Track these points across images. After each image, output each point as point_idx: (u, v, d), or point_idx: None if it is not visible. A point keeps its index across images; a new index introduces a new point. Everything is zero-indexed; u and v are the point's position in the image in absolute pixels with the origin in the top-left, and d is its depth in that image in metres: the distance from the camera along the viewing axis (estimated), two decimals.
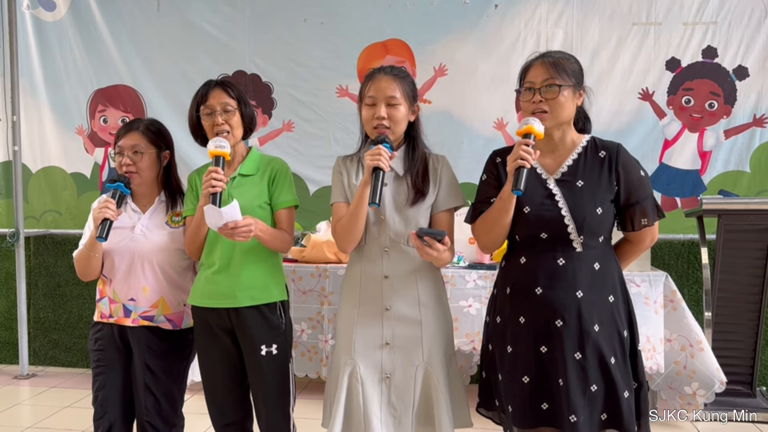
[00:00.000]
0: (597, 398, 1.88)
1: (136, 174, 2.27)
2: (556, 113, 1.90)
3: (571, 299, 1.88)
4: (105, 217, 2.11)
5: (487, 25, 4.10)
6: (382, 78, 2.03)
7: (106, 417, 2.31)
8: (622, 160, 1.94)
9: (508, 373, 1.96)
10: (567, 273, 1.89)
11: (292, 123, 4.32)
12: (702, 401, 3.30)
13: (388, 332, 2.03)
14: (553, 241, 1.91)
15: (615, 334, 1.91)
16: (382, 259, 2.04)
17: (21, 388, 4.26)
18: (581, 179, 1.93)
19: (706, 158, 3.97)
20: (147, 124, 2.33)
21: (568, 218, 1.89)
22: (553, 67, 1.89)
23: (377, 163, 1.90)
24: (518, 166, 1.81)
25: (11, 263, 4.62)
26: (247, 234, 2.04)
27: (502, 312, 2.00)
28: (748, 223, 3.42)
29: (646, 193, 1.95)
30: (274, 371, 2.20)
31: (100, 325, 2.37)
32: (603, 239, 1.94)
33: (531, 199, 1.92)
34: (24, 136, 4.55)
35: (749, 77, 3.89)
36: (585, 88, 1.98)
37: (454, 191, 2.10)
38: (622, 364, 1.91)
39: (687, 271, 4.04)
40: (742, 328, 3.52)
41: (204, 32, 4.35)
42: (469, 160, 4.05)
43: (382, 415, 2.00)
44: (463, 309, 3.40)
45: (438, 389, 1.99)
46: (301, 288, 3.58)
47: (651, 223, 1.95)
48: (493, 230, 1.95)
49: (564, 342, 1.87)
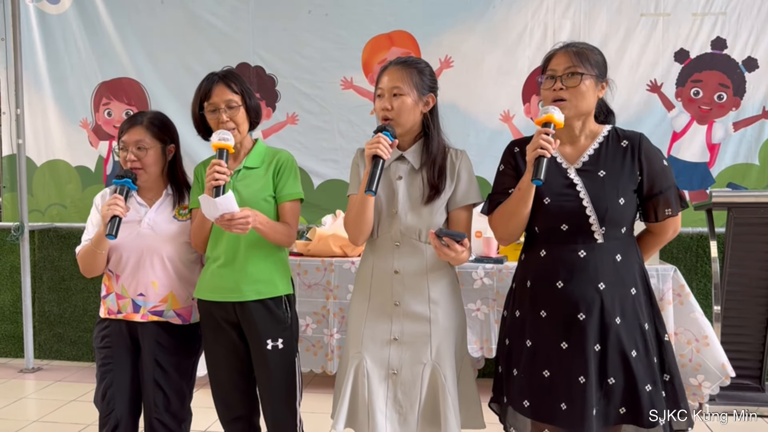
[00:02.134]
0: (615, 391, 1.85)
1: (141, 170, 2.23)
2: (577, 102, 1.87)
3: (592, 292, 1.84)
4: (114, 214, 2.07)
5: (494, 17, 4.06)
6: (390, 69, 2.01)
7: (113, 414, 2.27)
8: (645, 149, 1.90)
9: (525, 368, 1.93)
10: (588, 265, 1.85)
11: (296, 116, 4.29)
12: (707, 393, 3.28)
13: (396, 328, 2.00)
14: (574, 233, 1.87)
15: (636, 327, 1.87)
16: (393, 253, 2.01)
17: (26, 381, 4.26)
18: (603, 169, 1.89)
19: (714, 151, 3.93)
20: (150, 118, 2.28)
21: (589, 209, 1.85)
22: (577, 56, 1.87)
23: (375, 151, 1.88)
24: (538, 156, 1.78)
25: (16, 257, 4.62)
26: (244, 226, 2.01)
27: (521, 306, 1.97)
28: (759, 216, 3.39)
29: (669, 183, 1.91)
30: (280, 365, 2.18)
31: (107, 321, 2.32)
32: (625, 230, 1.90)
33: (551, 190, 1.88)
34: (28, 130, 4.55)
35: (759, 69, 3.86)
36: (608, 80, 1.95)
37: (473, 187, 2.05)
38: (644, 357, 1.87)
39: (696, 265, 4.01)
40: (751, 322, 3.50)
41: (208, 24, 4.33)
42: (476, 152, 4.01)
43: (387, 411, 1.98)
44: (471, 313, 3.36)
45: (445, 388, 1.96)
46: (306, 282, 3.56)
47: (675, 213, 1.92)
48: (511, 221, 1.92)
49: (585, 336, 1.84)
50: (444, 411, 1.95)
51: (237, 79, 2.20)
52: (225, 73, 2.21)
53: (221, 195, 2.00)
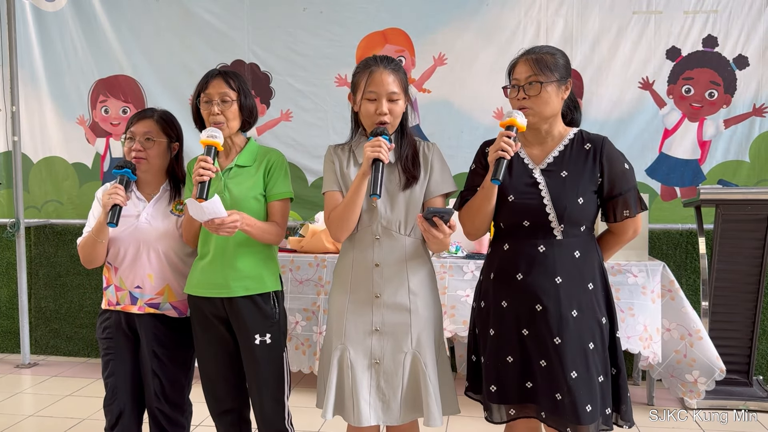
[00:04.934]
0: (578, 384, 1.91)
1: (144, 161, 2.28)
2: (540, 109, 1.95)
3: (550, 285, 1.93)
4: (115, 203, 2.13)
5: (487, 14, 4.09)
6: (382, 72, 2.03)
7: (116, 403, 2.34)
8: (607, 153, 1.98)
9: (490, 355, 2.02)
10: (547, 260, 1.94)
11: (290, 112, 4.32)
12: (703, 389, 3.31)
13: (377, 319, 2.05)
14: (535, 229, 1.96)
15: (594, 321, 1.96)
16: (373, 247, 2.06)
17: (22, 376, 4.29)
18: (566, 169, 1.97)
19: (705, 148, 3.96)
20: (161, 114, 2.36)
21: (549, 207, 1.94)
22: (536, 65, 1.93)
23: (377, 155, 1.92)
24: (498, 157, 1.87)
25: (12, 253, 4.65)
26: (232, 229, 2.05)
27: (486, 297, 2.06)
28: (746, 212, 3.42)
29: (629, 185, 1.98)
30: (268, 360, 2.22)
31: (107, 312, 2.38)
32: (584, 229, 1.98)
33: (515, 188, 1.98)
34: (25, 127, 4.57)
35: (749, 66, 3.88)
36: (571, 81, 2.01)
37: (447, 177, 2.12)
38: (600, 351, 1.96)
39: (685, 261, 4.04)
40: (739, 318, 3.53)
41: (203, 21, 4.35)
42: (469, 149, 4.02)
43: (371, 399, 2.05)
44: (460, 298, 3.42)
45: (426, 375, 2.03)
46: (298, 277, 3.59)
47: (633, 214, 1.99)
48: (476, 218, 2.01)
49: (544, 326, 1.93)
50: (426, 398, 2.01)
51: (236, 76, 2.24)
52: (226, 69, 2.26)
53: (207, 191, 2.02)
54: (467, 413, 2.31)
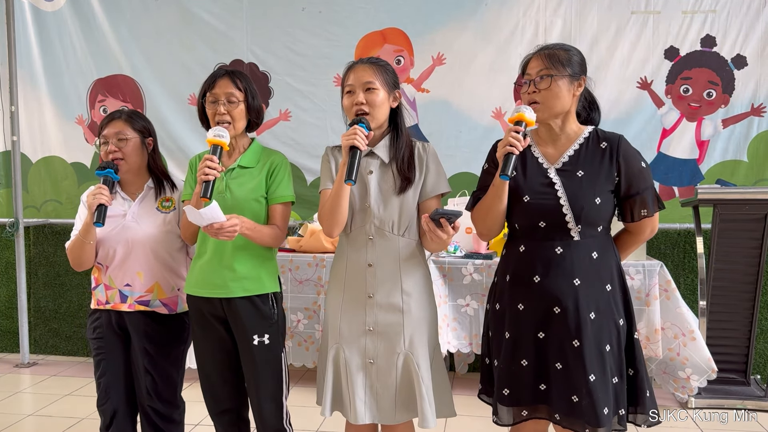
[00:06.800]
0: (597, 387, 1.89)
1: (122, 161, 2.30)
2: (550, 103, 1.91)
3: (568, 287, 1.90)
4: (100, 203, 2.14)
5: (486, 14, 4.09)
6: (359, 67, 2.07)
7: (109, 403, 2.35)
8: (623, 151, 1.95)
9: (505, 358, 1.99)
10: (564, 261, 1.91)
11: (288, 112, 4.32)
12: (695, 385, 3.33)
13: (371, 319, 2.06)
14: (552, 230, 1.92)
15: (611, 323, 1.92)
16: (366, 247, 2.07)
17: (22, 376, 4.29)
18: (581, 169, 1.93)
19: (704, 147, 3.97)
20: (129, 113, 2.37)
21: (566, 207, 1.90)
22: (548, 59, 1.91)
23: (353, 142, 1.93)
24: (507, 152, 1.84)
25: (11, 253, 4.65)
26: (231, 234, 2.05)
27: (501, 299, 2.03)
28: (744, 212, 3.43)
29: (646, 184, 1.95)
30: (266, 361, 2.22)
31: (97, 312, 2.39)
32: (601, 229, 1.95)
33: (531, 188, 1.94)
34: (24, 126, 4.58)
35: (747, 66, 3.89)
36: (585, 78, 1.98)
37: (442, 178, 2.12)
38: (616, 352, 1.93)
39: (683, 261, 4.05)
40: (737, 317, 3.54)
41: (202, 21, 4.36)
42: (468, 149, 4.06)
43: (366, 398, 2.06)
44: (460, 308, 3.39)
45: (419, 376, 2.03)
46: (297, 277, 3.60)
47: (650, 214, 1.96)
48: (488, 217, 1.98)
49: (561, 328, 1.89)
50: (419, 400, 2.02)
51: (243, 77, 2.24)
52: (233, 70, 2.25)
53: (211, 191, 2.02)
54: (467, 413, 2.30)
